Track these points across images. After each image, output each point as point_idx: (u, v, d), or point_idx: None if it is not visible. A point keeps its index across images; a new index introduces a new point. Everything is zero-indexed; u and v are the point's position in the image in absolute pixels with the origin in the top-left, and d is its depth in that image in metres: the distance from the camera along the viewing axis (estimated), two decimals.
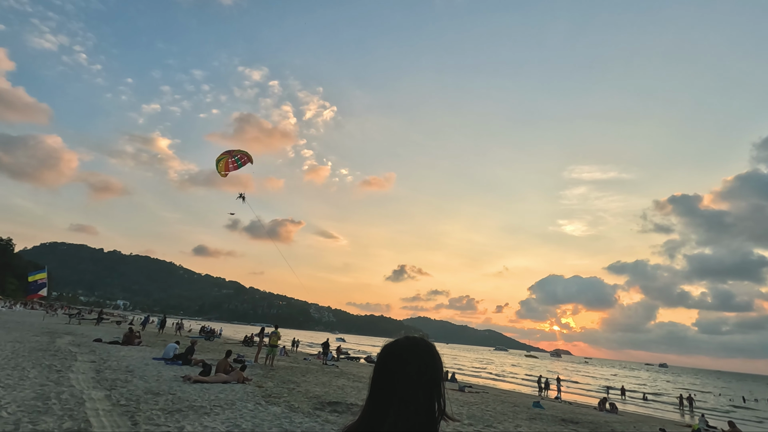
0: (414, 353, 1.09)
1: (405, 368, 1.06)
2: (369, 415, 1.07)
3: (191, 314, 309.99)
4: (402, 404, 1.02)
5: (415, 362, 1.07)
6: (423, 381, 1.04)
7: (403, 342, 1.12)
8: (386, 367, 1.08)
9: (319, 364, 23.54)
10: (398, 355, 1.09)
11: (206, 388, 9.33)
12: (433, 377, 1.05)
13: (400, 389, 1.03)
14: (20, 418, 5.32)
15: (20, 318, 31.80)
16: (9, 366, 9.06)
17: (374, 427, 1.03)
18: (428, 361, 1.08)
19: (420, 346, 1.10)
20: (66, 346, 14.57)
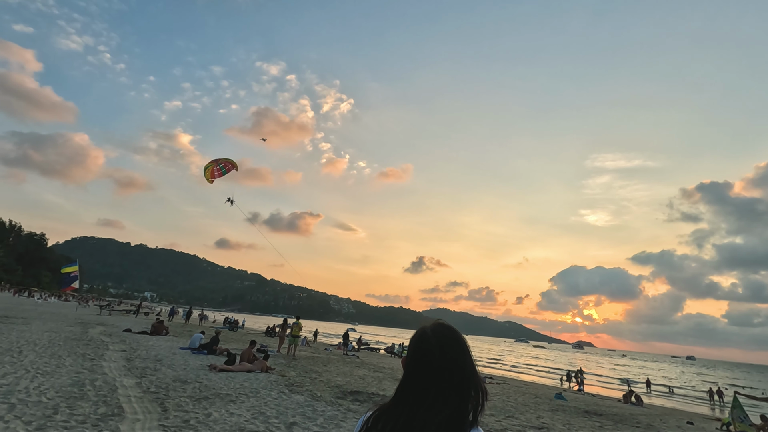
0: (446, 340, 1.08)
1: (438, 354, 1.05)
2: (402, 398, 1.06)
3: (215, 306, 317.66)
4: (439, 392, 1.02)
5: (449, 349, 1.06)
6: (457, 368, 1.04)
7: (436, 328, 1.11)
8: (419, 353, 1.08)
9: (340, 354, 23.84)
10: (431, 342, 1.08)
11: (231, 377, 9.58)
12: (466, 364, 1.06)
13: (436, 376, 1.03)
14: (59, 404, 5.58)
15: (55, 309, 33.22)
16: (46, 354, 9.50)
17: (409, 410, 1.02)
18: (458, 348, 1.07)
19: (451, 333, 1.10)
20: (98, 336, 15.16)
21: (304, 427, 6.00)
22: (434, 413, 0.99)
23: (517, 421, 9.08)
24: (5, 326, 14.46)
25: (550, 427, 8.98)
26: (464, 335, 1.11)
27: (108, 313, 36.64)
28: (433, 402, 1.01)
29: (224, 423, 5.68)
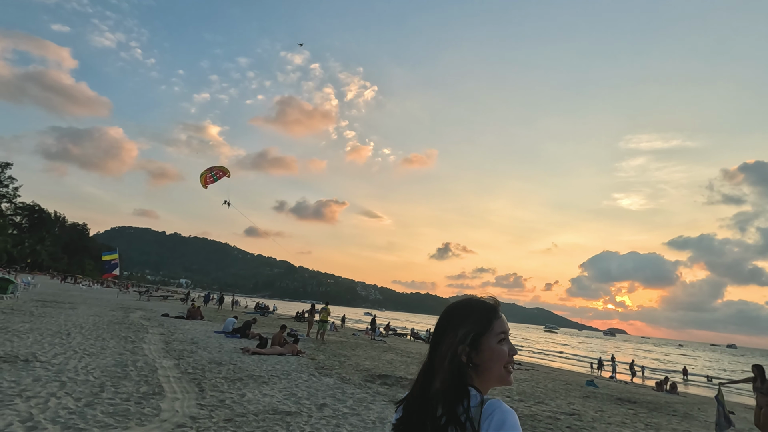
0: (448, 309, 1.12)
1: (440, 324, 1.10)
2: (423, 374, 1.10)
3: (246, 292, 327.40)
4: (426, 371, 1.08)
5: (444, 316, 1.10)
6: (446, 332, 1.07)
7: (453, 301, 1.15)
8: (436, 326, 1.12)
9: (368, 339, 24.18)
10: (442, 314, 1.12)
11: (263, 360, 9.88)
12: (441, 341, 1.07)
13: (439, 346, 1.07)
14: (104, 382, 5.91)
15: (98, 295, 35.08)
16: (92, 337, 10.06)
17: (424, 386, 1.07)
18: (440, 321, 1.10)
19: (457, 302, 1.13)
20: (138, 320, 15.93)
21: (334, 408, 6.13)
22: (418, 392, 1.06)
23: (546, 407, 8.98)
24: (54, 310, 15.39)
25: (582, 413, 8.84)
26: (471, 308, 1.09)
27: (147, 298, 38.40)
28: (419, 383, 1.07)
29: (258, 403, 5.88)
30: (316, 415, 5.66)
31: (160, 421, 4.62)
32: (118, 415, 4.59)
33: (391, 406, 6.77)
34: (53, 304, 18.14)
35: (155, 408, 5.05)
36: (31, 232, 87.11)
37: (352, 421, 5.58)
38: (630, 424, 8.50)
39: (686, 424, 9.52)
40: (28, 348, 7.58)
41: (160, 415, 4.80)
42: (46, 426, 3.99)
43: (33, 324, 10.85)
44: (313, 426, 5.11)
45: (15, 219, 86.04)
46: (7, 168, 74.60)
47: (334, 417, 5.66)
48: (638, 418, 9.39)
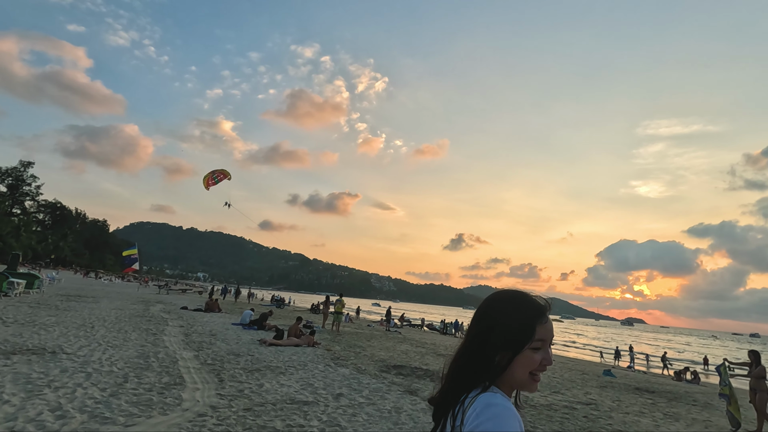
0: (492, 299, 1.07)
1: (480, 313, 1.06)
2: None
3: (262, 284, 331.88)
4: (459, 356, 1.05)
5: (486, 306, 1.06)
6: (482, 323, 1.03)
7: (500, 290, 1.10)
8: (476, 314, 1.08)
9: (382, 330, 24.34)
10: (480, 306, 1.08)
11: (280, 351, 10.05)
12: (481, 330, 1.02)
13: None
14: (128, 373, 6.09)
15: (119, 289, 36.00)
16: (115, 329, 10.36)
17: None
18: (498, 306, 1.04)
19: (503, 293, 1.07)
20: (158, 313, 16.32)
21: (350, 398, 6.21)
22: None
23: (563, 397, 8.95)
24: (78, 304, 15.86)
25: (599, 403, 8.79)
26: (509, 302, 1.03)
27: (166, 292, 39.26)
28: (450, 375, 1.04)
29: (275, 393, 5.99)
30: (333, 404, 5.74)
31: (181, 410, 4.75)
32: (142, 405, 4.73)
33: (407, 396, 6.83)
34: (77, 299, 18.69)
35: (177, 398, 5.19)
36: (54, 229, 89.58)
37: (368, 410, 5.65)
38: (648, 413, 8.41)
39: (706, 414, 9.38)
40: (54, 340, 7.85)
41: (182, 405, 4.94)
42: (74, 415, 4.14)
43: (59, 317, 11.21)
44: (330, 415, 5.20)
45: (38, 216, 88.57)
46: (29, 167, 76.72)
47: (350, 406, 5.74)
48: (657, 407, 9.29)
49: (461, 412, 0.93)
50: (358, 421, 5.12)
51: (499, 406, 0.90)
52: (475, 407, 0.91)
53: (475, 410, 0.91)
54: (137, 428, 4.03)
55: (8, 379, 5.03)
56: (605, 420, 7.16)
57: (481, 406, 0.90)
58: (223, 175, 23.07)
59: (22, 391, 4.64)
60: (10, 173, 74.17)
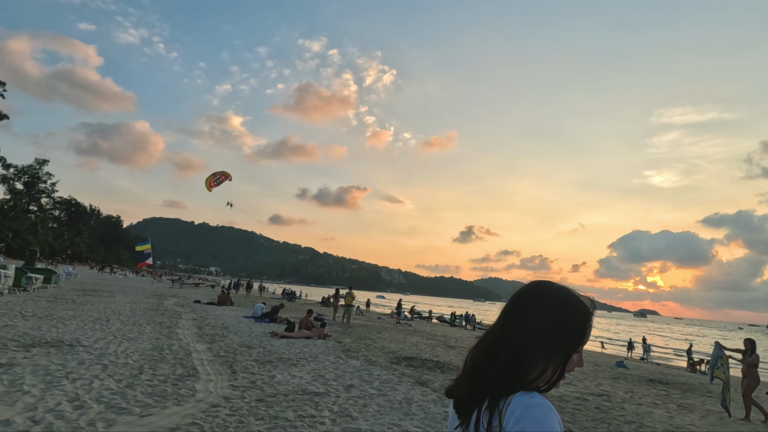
0: (536, 292, 0.99)
1: (520, 305, 0.98)
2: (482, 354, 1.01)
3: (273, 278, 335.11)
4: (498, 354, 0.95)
5: (529, 299, 0.98)
6: (525, 317, 0.95)
7: (527, 286, 1.03)
8: (514, 307, 1.00)
9: (393, 322, 24.43)
10: (517, 299, 1.01)
11: (291, 343, 10.15)
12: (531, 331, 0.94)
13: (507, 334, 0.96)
14: (143, 365, 6.21)
15: (134, 283, 36.64)
16: (130, 323, 10.55)
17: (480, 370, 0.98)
18: (545, 304, 0.96)
19: (551, 289, 0.99)
20: (172, 307, 16.58)
21: (361, 389, 6.26)
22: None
23: (575, 388, 8.91)
24: (94, 299, 16.18)
25: (611, 394, 8.73)
26: (544, 295, 0.95)
27: (179, 286, 39.85)
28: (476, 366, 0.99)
29: (287, 384, 6.06)
30: (344, 395, 5.79)
31: (195, 401, 4.83)
32: (157, 396, 4.82)
33: (417, 387, 6.86)
34: (93, 293, 19.07)
35: (191, 389, 5.28)
36: (69, 225, 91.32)
37: (379, 401, 5.69)
38: (662, 405, 8.34)
39: (722, 406, 9.26)
40: (72, 333, 8.03)
41: (196, 396, 5.02)
42: (92, 405, 4.24)
43: (75, 311, 11.45)
44: (341, 406, 5.24)
45: (54, 213, 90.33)
46: (44, 164, 78.14)
47: (361, 398, 5.78)
48: (670, 399, 9.21)
49: (497, 414, 0.88)
50: (369, 411, 5.16)
51: (540, 407, 0.85)
52: (513, 408, 0.86)
53: (514, 412, 0.85)
54: (152, 418, 4.11)
55: (28, 370, 5.16)
56: (617, 411, 7.11)
57: (520, 407, 0.85)
58: (224, 176, 24.36)
59: (41, 382, 4.76)
60: (26, 171, 75.66)
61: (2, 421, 3.57)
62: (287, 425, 4.34)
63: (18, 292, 14.90)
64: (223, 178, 24.38)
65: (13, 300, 12.40)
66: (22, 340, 6.86)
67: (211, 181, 24.08)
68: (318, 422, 4.54)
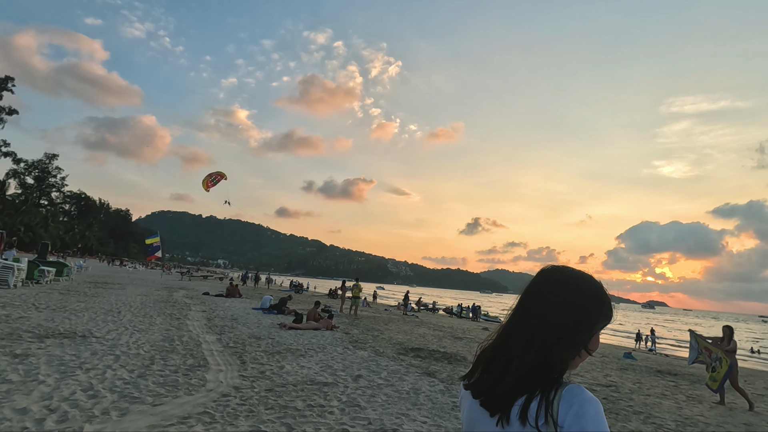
0: (565, 279, 0.98)
1: (549, 292, 0.97)
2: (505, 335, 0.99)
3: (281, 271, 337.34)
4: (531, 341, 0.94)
5: (557, 285, 0.97)
6: (559, 306, 0.94)
7: (545, 273, 1.02)
8: (529, 294, 1.00)
9: (400, 314, 24.53)
10: (536, 286, 1.00)
11: (300, 334, 10.24)
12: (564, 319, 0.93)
13: (538, 322, 0.95)
14: (154, 356, 6.30)
15: (143, 276, 37.11)
16: (140, 314, 10.71)
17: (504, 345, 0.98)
18: (577, 291, 0.96)
19: (581, 278, 0.99)
20: (181, 299, 16.78)
21: (369, 379, 6.31)
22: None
23: (582, 379, 8.91)
24: (106, 291, 16.42)
25: (619, 385, 8.72)
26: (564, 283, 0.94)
27: (188, 278, 40.28)
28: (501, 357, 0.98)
29: (296, 374, 6.13)
30: (352, 385, 5.84)
31: (206, 390, 4.90)
32: (168, 386, 4.90)
33: (425, 377, 6.90)
34: (104, 285, 19.35)
35: (201, 379, 5.35)
36: (79, 219, 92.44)
37: (386, 391, 5.73)
38: (670, 395, 8.32)
39: (732, 396, 9.21)
40: (84, 325, 8.16)
41: (206, 386, 5.10)
42: (105, 394, 4.32)
43: (87, 303, 11.63)
44: (350, 396, 5.29)
45: (65, 207, 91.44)
46: (54, 159, 78.97)
47: (369, 387, 5.83)
48: (679, 389, 9.18)
49: (543, 407, 0.87)
50: (377, 401, 5.21)
51: (594, 403, 0.85)
52: (570, 403, 0.85)
53: (571, 407, 0.85)
54: (165, 407, 4.18)
55: (43, 361, 5.26)
56: (626, 402, 7.11)
57: (577, 403, 0.85)
58: (220, 176, 25.44)
59: (56, 372, 4.85)
60: (36, 165, 76.57)
61: (19, 409, 3.66)
62: (296, 414, 4.39)
63: (31, 284, 15.16)
64: (219, 178, 25.35)
65: (26, 292, 12.63)
66: (36, 331, 6.99)
67: (208, 182, 25.17)
68: (327, 411, 4.59)
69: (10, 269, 13.33)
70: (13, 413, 3.56)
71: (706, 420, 6.54)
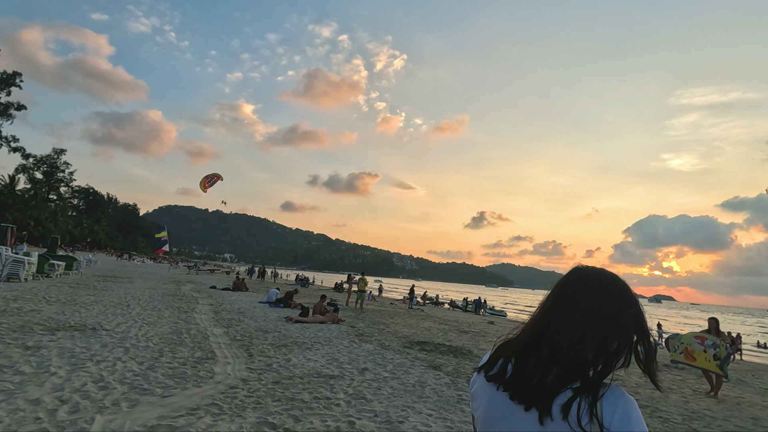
0: (616, 284, 0.99)
1: (590, 301, 0.96)
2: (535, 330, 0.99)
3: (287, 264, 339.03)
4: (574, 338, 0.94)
5: (610, 288, 0.98)
6: (620, 315, 0.95)
7: (581, 270, 1.02)
8: (568, 292, 0.99)
9: (405, 308, 24.60)
10: (575, 284, 1.00)
11: (306, 328, 10.31)
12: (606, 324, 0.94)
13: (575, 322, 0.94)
14: (162, 348, 6.38)
15: (151, 270, 37.47)
16: (149, 308, 10.83)
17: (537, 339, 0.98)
18: (624, 300, 0.97)
19: (604, 279, 1.00)
20: (189, 292, 16.95)
21: (375, 372, 6.35)
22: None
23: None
24: (114, 284, 16.62)
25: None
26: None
27: (195, 272, 40.63)
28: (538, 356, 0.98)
29: (303, 367, 6.18)
30: (358, 378, 5.89)
31: (214, 383, 4.97)
32: (177, 377, 4.97)
33: (430, 370, 6.93)
34: (113, 279, 19.57)
35: (209, 371, 5.42)
36: (88, 214, 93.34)
37: (392, 384, 5.77)
38: (677, 389, 8.30)
39: (739, 390, 9.18)
40: (94, 318, 8.28)
41: (214, 378, 5.16)
42: (116, 386, 4.39)
43: (97, 297, 11.79)
44: (356, 389, 5.33)
45: (73, 202, 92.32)
46: (62, 154, 79.59)
47: (375, 380, 5.87)
48: (686, 384, 9.15)
49: (590, 406, 0.87)
50: (383, 394, 5.24)
51: (635, 403, 0.89)
52: (615, 404, 0.87)
53: (616, 408, 0.87)
54: (174, 399, 4.24)
55: (54, 353, 5.35)
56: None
57: (621, 404, 0.87)
58: (216, 177, 26.83)
59: (67, 364, 4.93)
60: (45, 161, 77.19)
61: (32, 400, 3.73)
62: (303, 406, 4.44)
63: (41, 278, 15.37)
64: (216, 179, 26.70)
65: (37, 286, 12.81)
66: (47, 324, 7.10)
67: (205, 183, 26.56)
68: (333, 404, 4.63)
69: (21, 263, 13.52)
70: (26, 404, 3.64)
71: (713, 414, 6.52)
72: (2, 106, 51.27)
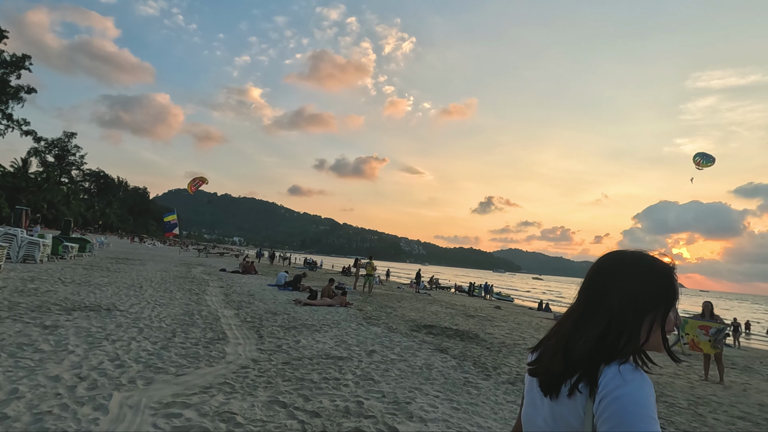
0: (618, 266, 0.99)
1: (615, 284, 0.97)
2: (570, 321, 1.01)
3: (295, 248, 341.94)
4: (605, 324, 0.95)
5: (612, 275, 0.98)
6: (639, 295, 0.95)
7: (606, 256, 1.03)
8: (597, 280, 1.00)
9: (412, 292, 24.77)
10: (599, 269, 1.02)
11: (314, 310, 10.46)
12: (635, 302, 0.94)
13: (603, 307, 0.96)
14: (175, 329, 6.54)
15: (162, 253, 38.03)
16: (161, 289, 11.05)
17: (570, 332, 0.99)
18: (630, 274, 0.97)
19: (623, 259, 1.00)
20: (199, 275, 17.22)
21: (382, 354, 6.45)
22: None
23: None
24: (127, 267, 16.93)
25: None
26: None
27: (205, 255, 41.17)
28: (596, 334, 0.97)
29: (312, 348, 6.30)
30: (366, 360, 5.99)
31: (226, 362, 5.09)
32: (190, 357, 5.10)
33: (437, 353, 7.02)
34: (125, 261, 19.93)
35: (221, 352, 5.55)
36: (99, 197, 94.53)
37: (400, 366, 5.87)
38: (683, 375, 8.32)
39: (746, 377, 9.18)
40: (108, 299, 8.47)
41: (226, 358, 5.28)
42: (131, 365, 4.52)
43: (110, 278, 12.04)
44: (364, 370, 5.43)
45: (84, 185, 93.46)
46: (72, 137, 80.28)
47: (382, 362, 5.97)
48: (693, 370, 9.17)
49: (586, 385, 0.90)
50: (391, 375, 5.34)
51: (632, 366, 0.89)
52: (609, 370, 0.89)
53: (607, 374, 0.89)
54: (187, 377, 4.36)
55: (71, 332, 5.51)
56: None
57: (614, 368, 0.89)
58: (202, 181, 30.86)
59: (84, 343, 5.08)
60: (56, 144, 77.97)
61: (52, 377, 3.86)
62: (313, 386, 4.54)
63: (56, 259, 15.71)
64: (201, 182, 30.71)
65: (52, 267, 13.10)
66: (63, 304, 7.29)
67: (191, 186, 30.35)
68: (342, 384, 4.73)
69: (36, 245, 13.80)
70: (46, 380, 3.77)
71: (718, 400, 6.55)
72: (13, 90, 51.56)
